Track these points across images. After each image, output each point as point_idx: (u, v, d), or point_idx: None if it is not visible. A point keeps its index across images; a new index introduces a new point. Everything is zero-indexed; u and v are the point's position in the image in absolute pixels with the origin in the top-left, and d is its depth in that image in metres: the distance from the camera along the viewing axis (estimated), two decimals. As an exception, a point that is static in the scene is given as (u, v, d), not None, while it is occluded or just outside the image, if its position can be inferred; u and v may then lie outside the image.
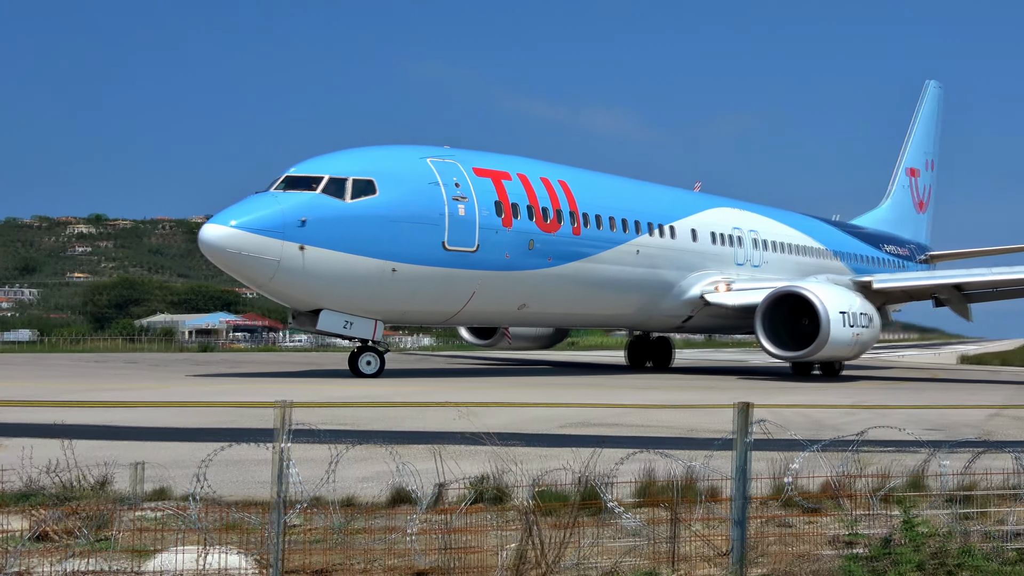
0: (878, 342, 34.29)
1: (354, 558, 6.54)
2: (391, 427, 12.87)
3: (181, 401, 16.63)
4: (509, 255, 25.85)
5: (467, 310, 26.41)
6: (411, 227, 23.94)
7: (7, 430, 11.47)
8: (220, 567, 5.91)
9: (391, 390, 20.47)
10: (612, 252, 29.02)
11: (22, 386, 19.68)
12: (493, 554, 6.48)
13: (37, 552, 6.37)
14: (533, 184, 27.31)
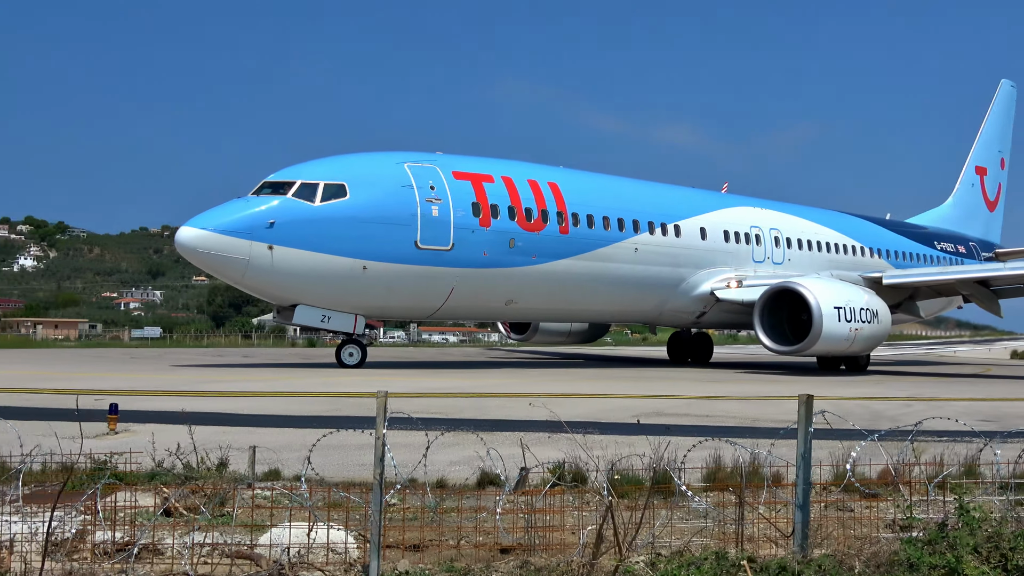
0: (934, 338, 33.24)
1: (445, 535, 6.53)
2: (478, 416, 12.88)
3: (290, 391, 16.85)
4: (488, 253, 25.22)
5: (449, 305, 25.95)
6: (382, 227, 23.66)
7: (137, 417, 11.72)
8: (326, 541, 5.95)
9: (474, 382, 20.52)
10: (607, 250, 27.95)
11: (150, 377, 20.13)
12: (572, 533, 6.43)
13: (164, 526, 6.47)
14: (518, 186, 26.53)
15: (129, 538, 6.07)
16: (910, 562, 5.48)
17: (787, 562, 5.52)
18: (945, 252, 43.18)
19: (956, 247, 44.42)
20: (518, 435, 9.58)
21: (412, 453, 7.75)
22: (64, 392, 14.65)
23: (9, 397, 13.90)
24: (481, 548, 6.29)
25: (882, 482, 8.08)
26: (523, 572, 5.76)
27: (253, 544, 6.02)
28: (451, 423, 9.39)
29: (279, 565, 5.61)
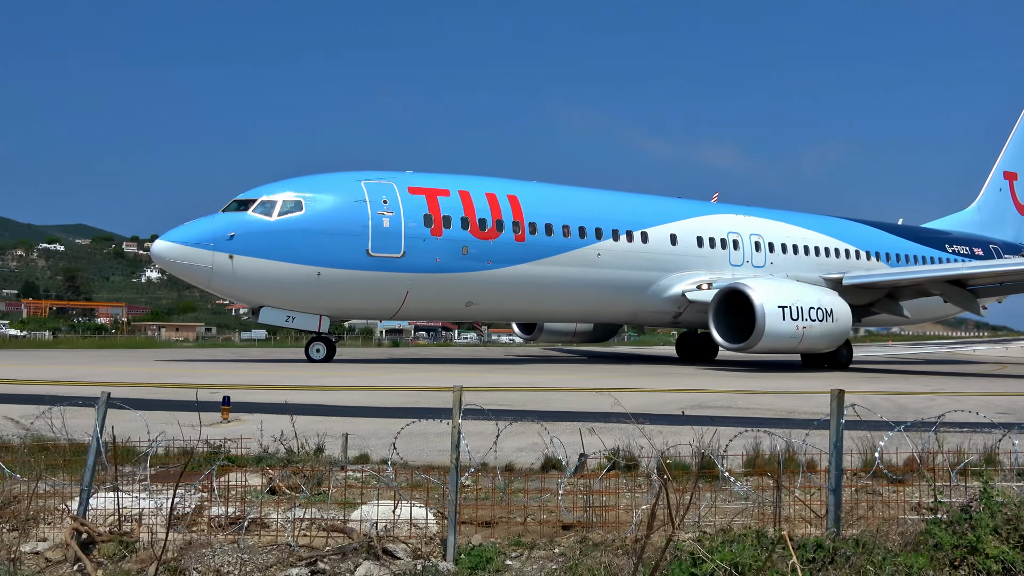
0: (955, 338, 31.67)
1: (513, 513, 6.56)
2: (541, 407, 12.87)
3: (378, 386, 17.03)
4: (440, 259, 24.85)
5: (408, 306, 25.76)
6: (335, 237, 23.69)
7: (246, 408, 11.94)
8: (409, 518, 6.02)
9: (538, 378, 20.49)
10: (566, 255, 26.99)
11: (257, 374, 20.53)
12: (626, 512, 6.41)
13: (270, 502, 6.61)
14: (474, 199, 26.02)
15: (240, 513, 6.21)
16: (935, 541, 5.38)
17: (822, 540, 5.44)
18: (958, 255, 39.88)
19: (972, 250, 40.96)
20: (577, 425, 9.58)
21: (484, 440, 7.79)
22: (184, 387, 15.02)
23: (138, 390, 14.29)
24: (545, 525, 6.31)
25: (908, 469, 7.90)
26: (583, 547, 5.76)
27: (346, 519, 6.11)
28: (517, 414, 9.42)
29: (368, 538, 5.69)
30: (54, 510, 6.30)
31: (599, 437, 8.65)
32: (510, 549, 5.81)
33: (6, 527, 6.11)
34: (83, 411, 8.30)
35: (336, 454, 8.19)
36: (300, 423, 8.87)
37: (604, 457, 7.63)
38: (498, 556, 5.62)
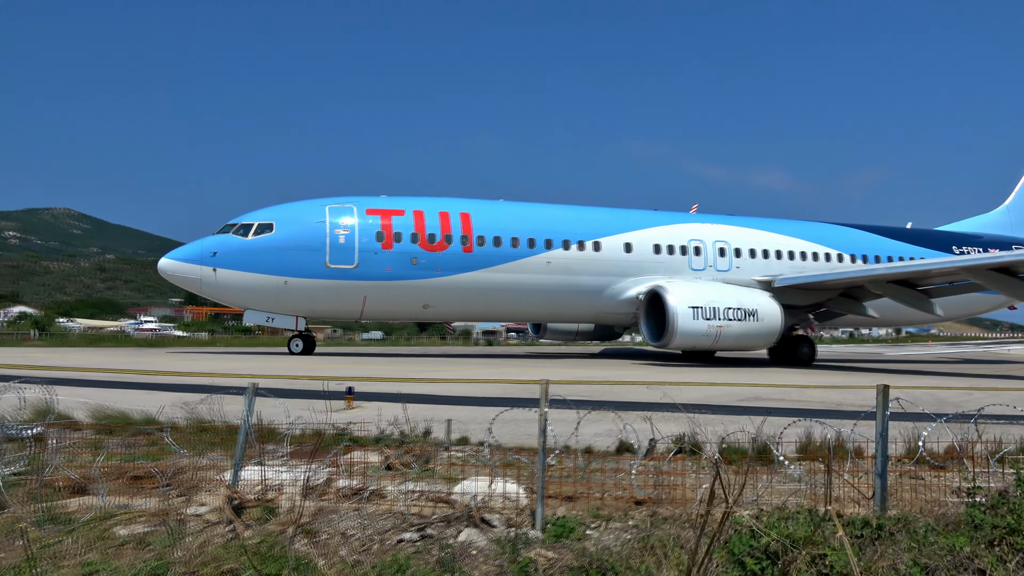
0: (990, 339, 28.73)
1: (592, 489, 6.51)
2: (614, 398, 12.75)
3: (474, 379, 17.15)
4: (391, 269, 25.34)
5: (369, 309, 26.22)
6: (299, 252, 24.73)
7: (366, 397, 12.16)
8: (502, 492, 6.03)
9: (607, 372, 20.30)
10: (515, 264, 26.61)
11: (376, 368, 20.92)
12: (691, 491, 6.28)
13: (386, 477, 6.71)
14: (427, 217, 26.24)
15: (361, 485, 6.32)
16: (974, 522, 5.10)
17: (869, 518, 5.23)
18: (960, 255, 34.24)
19: (988, 250, 34.95)
20: (646, 414, 9.44)
21: (566, 426, 7.75)
22: (316, 378, 15.40)
23: (279, 382, 14.72)
24: (620, 500, 6.24)
25: (948, 456, 7.53)
26: (653, 520, 5.67)
27: (449, 492, 6.16)
28: (595, 404, 9.35)
29: (469, 508, 5.71)
30: (212, 480, 6.53)
31: (667, 425, 8.51)
32: (590, 520, 5.76)
33: (174, 493, 6.36)
34: (235, 398, 8.59)
35: (441, 437, 8.27)
36: (411, 410, 8.99)
37: (671, 442, 7.51)
38: (579, 526, 5.57)
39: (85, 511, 5.93)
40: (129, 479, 6.76)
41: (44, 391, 9.13)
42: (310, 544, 5.32)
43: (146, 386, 14.52)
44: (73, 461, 7.04)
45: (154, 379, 16.17)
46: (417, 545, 5.33)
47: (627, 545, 5.09)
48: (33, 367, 19.32)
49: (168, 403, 9.97)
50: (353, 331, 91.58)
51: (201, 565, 4.88)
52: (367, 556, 5.11)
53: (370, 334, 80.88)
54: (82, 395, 12.06)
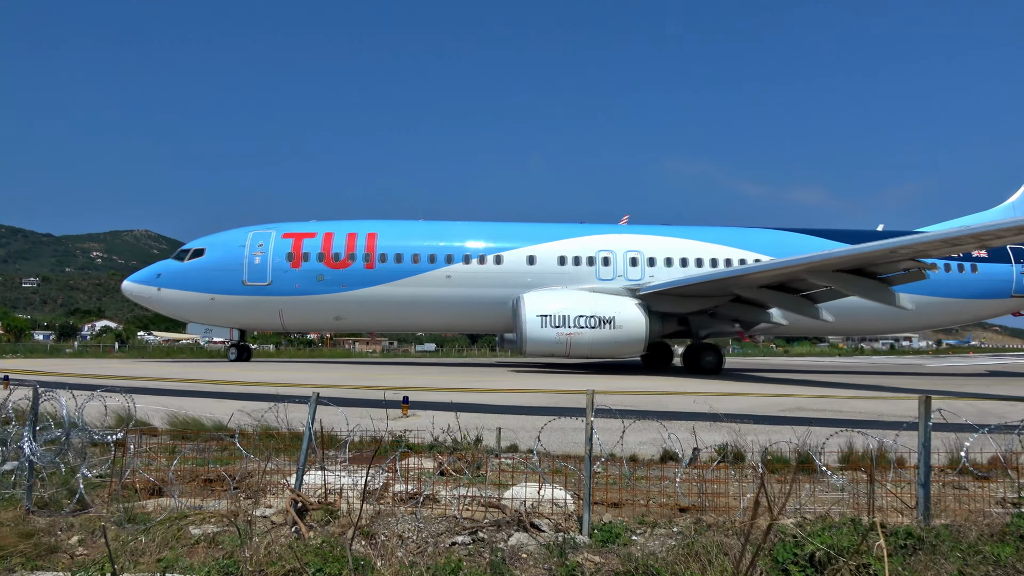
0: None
1: (637, 496, 6.41)
2: (658, 408, 12.58)
3: (522, 388, 17.12)
4: (299, 285, 26.77)
5: (287, 321, 27.60)
6: (222, 272, 26.81)
7: (421, 406, 12.24)
8: (551, 498, 5.98)
9: (652, 383, 20.05)
10: (416, 278, 27.09)
11: (431, 379, 21.02)
12: (734, 499, 6.15)
13: (440, 482, 6.72)
14: (335, 238, 27.39)
15: (416, 490, 6.34)
16: (1020, 532, 4.88)
17: (912, 528, 5.04)
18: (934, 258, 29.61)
19: (968, 252, 29.65)
20: (690, 423, 9.30)
21: (611, 435, 7.67)
22: (374, 388, 15.56)
23: (339, 391, 14.90)
24: (664, 507, 6.14)
25: (992, 467, 7.24)
26: (697, 527, 5.55)
27: (500, 497, 6.13)
28: (639, 413, 9.21)
29: (519, 513, 5.68)
30: (277, 484, 6.62)
31: (709, 434, 8.36)
32: (635, 527, 5.67)
33: (243, 495, 6.46)
34: (299, 407, 8.71)
35: (491, 444, 8.25)
36: (463, 419, 9.01)
37: (714, 451, 7.37)
38: (625, 532, 5.49)
39: (161, 511, 6.07)
40: (202, 482, 6.90)
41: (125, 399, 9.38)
42: (368, 546, 5.35)
43: (217, 395, 14.83)
44: (150, 465, 7.21)
45: (224, 388, 16.50)
46: (469, 548, 5.31)
47: (672, 551, 4.99)
48: (115, 377, 19.92)
49: (237, 410, 10.17)
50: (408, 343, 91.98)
51: (267, 564, 4.94)
52: (422, 558, 5.11)
53: (424, 346, 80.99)
54: (159, 403, 12.38)
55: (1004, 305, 30.01)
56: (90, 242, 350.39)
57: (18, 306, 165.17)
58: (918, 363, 45.54)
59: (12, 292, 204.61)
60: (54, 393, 7.54)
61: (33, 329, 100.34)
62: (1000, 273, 29.61)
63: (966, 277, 29.27)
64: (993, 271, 29.62)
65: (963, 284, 29.18)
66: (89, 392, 8.80)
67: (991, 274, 29.49)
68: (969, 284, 29.22)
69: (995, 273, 29.56)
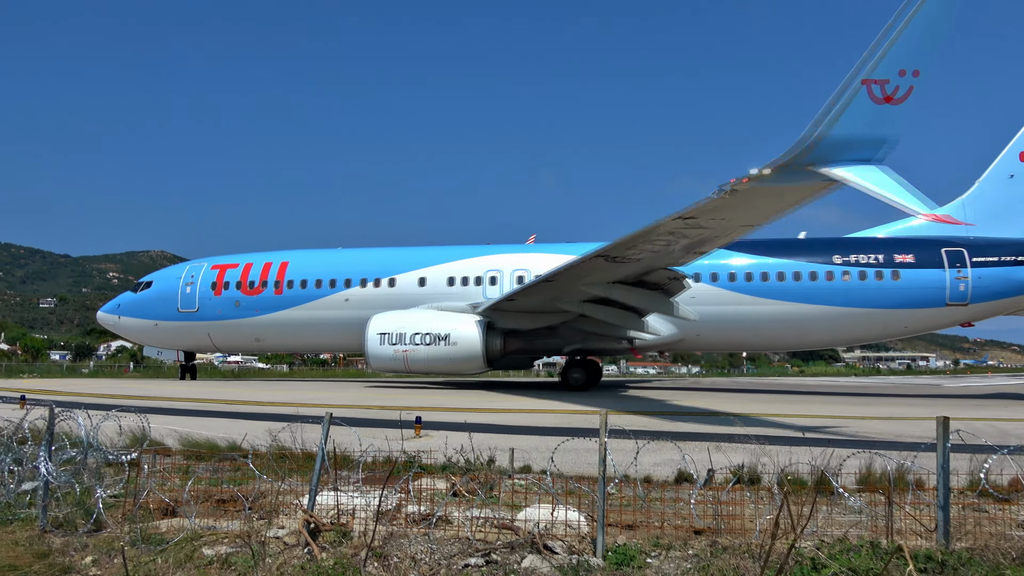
0: None
1: (651, 517, 6.35)
2: (672, 428, 12.48)
3: (535, 408, 17.05)
4: (221, 311, 29.61)
5: (216, 343, 30.77)
6: (162, 301, 30.34)
7: (434, 426, 12.21)
8: (564, 519, 5.94)
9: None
10: (318, 302, 28.77)
11: (442, 399, 20.99)
12: (750, 521, 6.07)
13: (453, 502, 6.69)
14: (253, 267, 29.96)
15: (429, 511, 6.31)
16: (1044, 557, 4.79)
17: (932, 552, 4.96)
18: (852, 264, 26.52)
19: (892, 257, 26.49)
20: (704, 444, 9.22)
21: (624, 456, 7.61)
22: (386, 408, 15.56)
23: (351, 411, 14.90)
24: (679, 529, 6.07)
25: (1012, 489, 7.12)
26: (713, 549, 5.49)
27: (513, 519, 6.09)
28: (653, 434, 9.16)
29: (532, 535, 5.64)
30: (290, 504, 6.61)
31: (725, 455, 8.28)
32: (650, 549, 5.61)
33: (256, 516, 6.45)
34: (312, 427, 8.71)
35: (504, 464, 8.21)
36: (475, 439, 8.97)
37: (730, 472, 7.30)
38: (640, 555, 5.44)
39: (175, 532, 6.07)
40: (215, 502, 6.90)
41: (140, 419, 9.42)
42: (381, 567, 5.32)
43: (230, 415, 14.87)
44: (164, 485, 7.22)
45: (238, 408, 16.55)
46: (483, 570, 5.27)
47: (687, 574, 4.94)
48: (130, 396, 20.01)
49: (250, 431, 10.18)
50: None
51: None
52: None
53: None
54: (173, 423, 12.42)
55: (942, 315, 26.30)
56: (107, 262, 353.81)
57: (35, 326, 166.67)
58: (935, 383, 45.09)
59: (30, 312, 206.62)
60: (70, 413, 7.59)
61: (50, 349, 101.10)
62: (928, 280, 26.06)
63: (885, 285, 26.26)
64: (919, 277, 26.14)
65: (882, 293, 26.19)
66: (104, 412, 8.86)
67: (917, 281, 26.14)
68: (890, 293, 26.12)
69: (922, 280, 26.11)
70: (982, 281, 25.60)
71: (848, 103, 12.48)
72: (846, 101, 12.49)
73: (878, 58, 12.45)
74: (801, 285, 26.56)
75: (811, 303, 26.11)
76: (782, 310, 26.43)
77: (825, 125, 12.55)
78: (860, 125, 12.59)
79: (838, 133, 12.56)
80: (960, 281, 25.61)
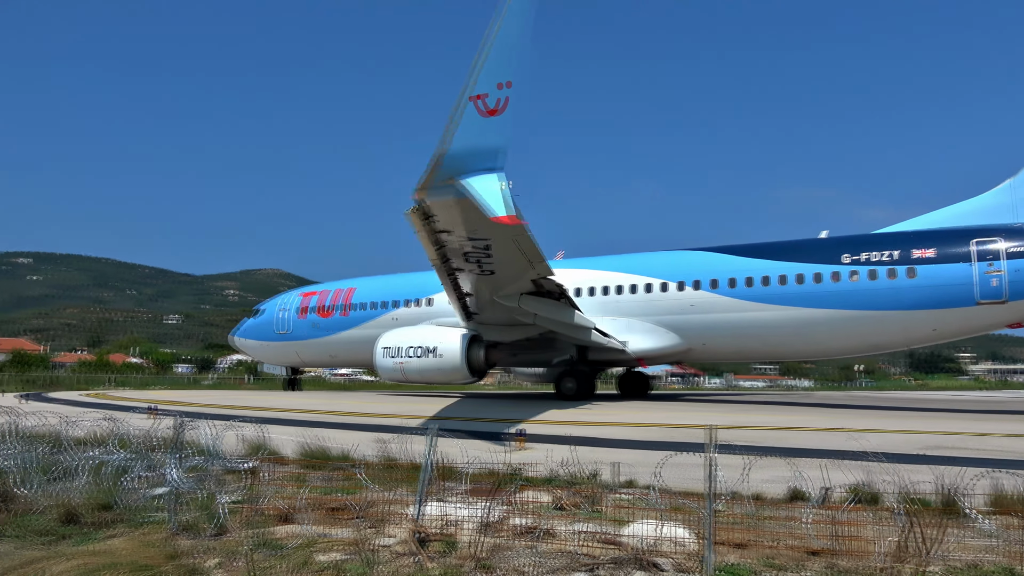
0: None
1: (763, 537, 6.12)
2: (781, 444, 11.99)
3: (637, 422, 16.78)
4: (304, 332, 34.76)
5: (304, 359, 36.31)
6: (267, 325, 36.26)
7: (537, 439, 12.21)
8: (671, 536, 5.81)
9: (777, 418, 19.16)
10: (373, 321, 32.22)
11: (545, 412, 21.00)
12: (870, 543, 5.75)
13: (557, 516, 6.67)
14: (329, 294, 34.95)
15: (534, 524, 6.31)
16: None
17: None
18: (861, 263, 24.03)
19: (911, 252, 23.52)
20: (817, 461, 8.82)
21: (732, 472, 7.38)
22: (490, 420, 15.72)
23: (456, 423, 15.12)
24: (794, 550, 5.82)
25: None
26: (831, 572, 5.23)
27: (618, 534, 6.01)
28: (762, 450, 8.83)
29: (637, 551, 5.54)
30: (398, 514, 6.76)
31: (839, 473, 7.89)
32: (762, 569, 5.40)
33: (366, 524, 6.64)
34: (417, 438, 8.91)
35: (608, 479, 8.12)
36: (578, 452, 8.91)
37: (846, 490, 6.94)
38: (751, 575, 5.24)
39: (291, 538, 6.32)
40: (327, 510, 7.14)
41: (257, 429, 9.90)
42: (487, 579, 5.35)
43: (340, 425, 15.39)
44: (280, 492, 7.54)
45: (347, 419, 17.12)
46: (588, 585, 5.22)
47: (804, 597, 4.72)
48: (248, 407, 21.06)
49: (360, 441, 10.51)
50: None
51: (390, 593, 5.04)
52: (541, 593, 5.07)
53: None
54: (289, 433, 12.96)
55: (976, 315, 22.70)
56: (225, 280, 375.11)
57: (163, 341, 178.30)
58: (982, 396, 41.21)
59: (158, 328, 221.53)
60: (195, 423, 8.06)
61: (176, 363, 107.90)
62: (949, 276, 22.76)
63: (897, 284, 23.35)
64: (939, 274, 22.94)
65: (894, 293, 23.33)
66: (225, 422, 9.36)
67: (936, 278, 22.94)
68: (903, 293, 23.22)
69: (941, 277, 22.87)
70: (1022, 275, 21.97)
71: (460, 119, 13.62)
72: (458, 118, 13.62)
73: (476, 75, 13.57)
74: (803, 288, 24.71)
75: (815, 307, 24.27)
76: (785, 315, 24.82)
77: (446, 142, 13.74)
78: (475, 138, 13.68)
79: (456, 148, 13.74)
80: (992, 276, 22.24)
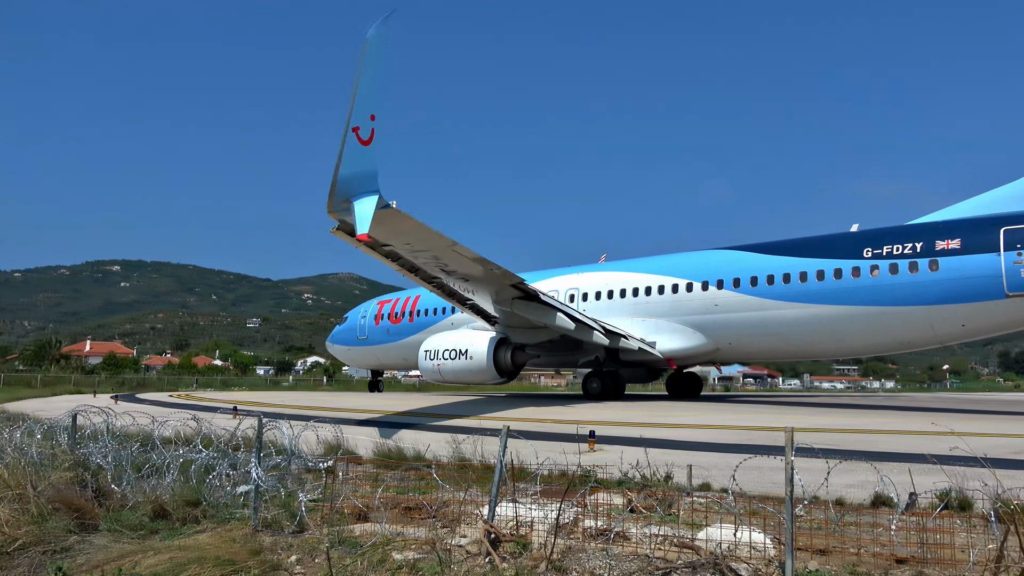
0: None
1: (846, 543, 5.91)
2: (865, 447, 11.55)
3: (711, 424, 16.46)
4: (379, 337, 36.69)
5: (382, 361, 38.27)
6: (351, 331, 38.50)
7: (608, 440, 12.13)
8: (748, 541, 5.67)
9: (856, 420, 18.45)
10: (436, 325, 33.58)
11: (614, 413, 20.82)
12: (961, 551, 5.49)
13: (629, 519, 6.59)
14: (400, 302, 36.59)
15: (606, 526, 6.26)
16: None
17: None
18: (883, 257, 22.76)
19: (935, 243, 21.95)
20: (904, 465, 8.46)
21: (812, 476, 7.14)
22: (562, 422, 15.68)
23: (527, 424, 15.16)
24: (879, 557, 5.60)
25: None
26: (919, 581, 5.01)
27: (693, 538, 5.90)
28: (844, 453, 8.52)
29: (714, 556, 5.43)
30: (471, 514, 6.82)
31: (926, 477, 7.55)
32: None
33: (439, 524, 6.72)
34: (490, 439, 8.97)
35: (682, 481, 7.99)
36: (651, 454, 8.80)
37: (935, 496, 6.63)
38: (834, 582, 5.07)
39: (367, 536, 6.45)
40: (402, 509, 7.26)
41: (334, 430, 10.14)
42: (561, 580, 5.34)
43: (415, 426, 15.63)
44: (357, 491, 7.71)
45: (422, 420, 17.37)
46: (663, 589, 5.14)
47: (891, 607, 4.53)
48: (324, 408, 21.63)
49: (432, 441, 10.65)
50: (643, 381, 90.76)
51: (464, 593, 5.08)
52: (615, 596, 5.02)
53: None
54: (364, 432, 13.24)
55: (1007, 309, 20.94)
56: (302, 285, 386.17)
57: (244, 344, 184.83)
58: None
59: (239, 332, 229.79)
60: (275, 423, 8.32)
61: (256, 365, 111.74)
62: (974, 267, 21.13)
63: (919, 278, 21.97)
64: (962, 265, 21.32)
65: (915, 287, 21.99)
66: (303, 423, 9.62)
67: (960, 270, 21.34)
68: (925, 286, 21.81)
69: (966, 268, 21.23)
70: None
71: (343, 148, 15.23)
72: (343, 146, 15.22)
73: (352, 108, 15.17)
74: (824, 285, 23.74)
75: (837, 304, 23.26)
76: (807, 313, 23.95)
77: (338, 168, 15.34)
78: (357, 164, 15.37)
79: (345, 173, 15.41)
80: (1022, 266, 20.44)
